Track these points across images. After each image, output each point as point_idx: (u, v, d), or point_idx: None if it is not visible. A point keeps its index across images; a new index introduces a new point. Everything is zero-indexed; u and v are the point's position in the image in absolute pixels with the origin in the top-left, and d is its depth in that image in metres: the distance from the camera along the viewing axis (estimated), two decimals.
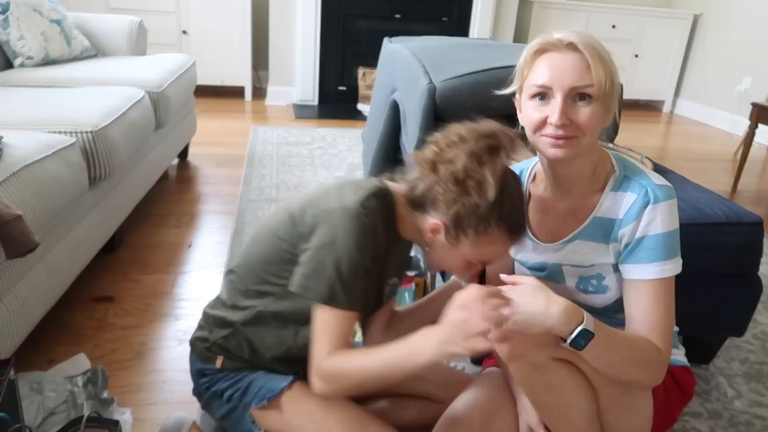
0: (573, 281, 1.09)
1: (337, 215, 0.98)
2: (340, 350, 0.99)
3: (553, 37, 0.98)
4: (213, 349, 1.17)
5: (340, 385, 1.01)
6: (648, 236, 0.99)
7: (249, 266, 1.13)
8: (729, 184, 3.37)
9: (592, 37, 0.97)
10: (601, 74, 0.95)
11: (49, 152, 1.48)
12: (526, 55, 1.02)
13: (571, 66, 0.96)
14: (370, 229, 0.98)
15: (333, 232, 0.98)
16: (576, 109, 0.96)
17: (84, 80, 2.28)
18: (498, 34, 4.71)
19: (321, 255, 0.99)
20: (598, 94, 0.96)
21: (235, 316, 1.14)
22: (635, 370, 0.98)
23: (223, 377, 1.17)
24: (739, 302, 1.52)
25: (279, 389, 1.11)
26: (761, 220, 1.48)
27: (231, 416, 1.16)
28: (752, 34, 4.59)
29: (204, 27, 4.23)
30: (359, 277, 0.99)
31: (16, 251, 1.19)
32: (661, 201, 0.99)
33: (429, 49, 2.31)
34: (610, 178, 1.05)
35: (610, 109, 0.99)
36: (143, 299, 1.80)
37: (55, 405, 1.19)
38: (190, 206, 2.51)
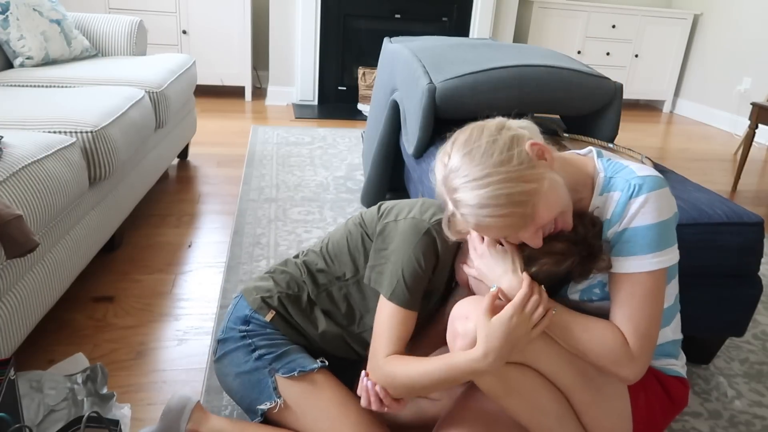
0: (576, 294, 1.08)
1: (409, 225, 1.09)
2: (397, 353, 1.07)
3: (449, 207, 0.96)
4: (270, 302, 1.21)
5: (392, 388, 1.07)
6: (629, 229, 0.97)
7: (333, 248, 1.21)
8: (729, 184, 3.37)
9: (480, 196, 0.90)
10: (506, 230, 0.92)
11: (49, 152, 1.48)
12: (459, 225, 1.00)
13: (490, 231, 0.94)
14: (431, 245, 1.08)
15: (401, 237, 1.09)
16: (525, 236, 0.95)
17: (84, 80, 2.28)
18: (498, 34, 4.71)
19: (391, 255, 1.09)
20: (522, 229, 0.93)
21: (309, 286, 1.22)
22: (595, 357, 0.98)
23: (265, 334, 1.19)
24: (739, 302, 1.52)
25: (310, 368, 1.14)
26: (761, 220, 1.48)
27: (251, 375, 1.17)
28: (752, 34, 4.60)
29: (204, 27, 4.23)
30: (419, 283, 1.08)
31: (16, 251, 1.19)
32: (644, 193, 0.96)
33: (429, 49, 2.31)
34: (596, 183, 1.03)
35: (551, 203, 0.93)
36: (143, 299, 1.80)
37: (56, 402, 1.19)
38: (190, 206, 2.51)
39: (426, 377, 1.01)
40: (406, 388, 1.04)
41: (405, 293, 1.07)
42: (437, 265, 1.11)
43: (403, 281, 1.07)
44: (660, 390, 1.08)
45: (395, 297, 1.08)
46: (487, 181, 0.90)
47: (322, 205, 2.59)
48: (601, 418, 1.04)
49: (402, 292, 1.07)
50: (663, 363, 1.10)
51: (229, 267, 2.00)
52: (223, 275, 1.95)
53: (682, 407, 1.12)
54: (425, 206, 1.12)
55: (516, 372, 1.00)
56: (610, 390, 1.03)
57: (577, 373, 1.01)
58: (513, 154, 0.91)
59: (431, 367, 1.00)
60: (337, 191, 2.76)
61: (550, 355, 1.00)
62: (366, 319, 1.20)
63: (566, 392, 1.03)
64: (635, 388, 1.05)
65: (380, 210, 1.18)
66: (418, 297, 1.09)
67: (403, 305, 1.08)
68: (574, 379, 1.01)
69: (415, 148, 2.03)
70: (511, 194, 0.89)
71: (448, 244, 1.09)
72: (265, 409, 1.14)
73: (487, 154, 0.92)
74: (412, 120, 2.07)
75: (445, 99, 1.91)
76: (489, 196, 0.89)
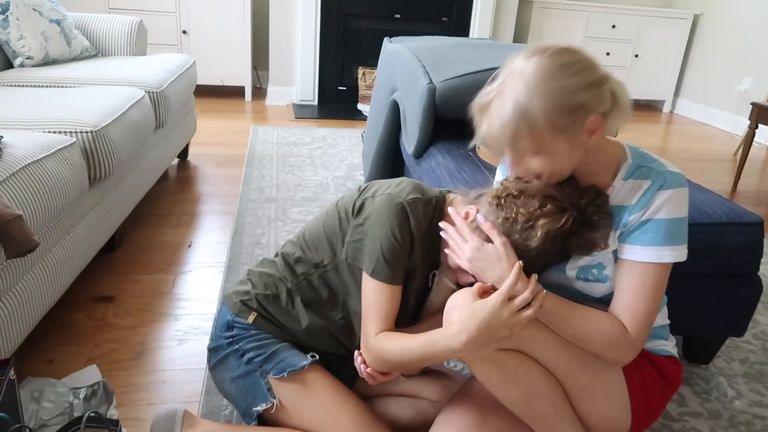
0: (574, 271, 1.09)
1: (385, 200, 1.09)
2: (386, 330, 1.09)
3: (487, 95, 0.97)
4: (250, 304, 1.21)
5: (382, 364, 1.09)
6: (653, 220, 0.99)
7: (312, 238, 1.20)
8: (729, 184, 3.37)
9: (521, 92, 0.92)
10: (520, 144, 0.94)
11: (49, 152, 1.48)
12: (475, 112, 1.01)
13: (496, 135, 0.96)
14: (405, 221, 1.07)
15: (377, 212, 1.09)
16: (528, 162, 0.98)
17: (84, 80, 2.28)
18: (498, 34, 4.71)
19: (368, 231, 1.09)
20: (531, 155, 0.95)
21: (288, 277, 1.21)
22: (592, 344, 1.00)
23: (251, 337, 1.19)
24: (739, 302, 1.52)
25: (300, 366, 1.14)
26: (761, 220, 1.48)
27: (245, 379, 1.17)
28: (752, 34, 4.59)
29: (204, 27, 4.23)
30: (398, 257, 1.08)
31: (16, 251, 1.19)
32: (673, 187, 0.99)
33: (429, 49, 2.30)
34: (622, 168, 1.04)
35: (565, 150, 0.95)
36: (143, 299, 1.80)
37: (50, 417, 1.18)
38: (190, 206, 2.51)
39: (410, 353, 1.03)
40: (394, 363, 1.07)
41: (386, 268, 1.08)
42: (413, 243, 1.10)
43: (383, 257, 1.07)
44: (654, 371, 1.09)
45: (376, 273, 1.08)
46: (535, 82, 0.91)
47: (322, 205, 2.59)
48: (599, 404, 1.04)
49: (382, 267, 1.08)
50: (654, 345, 1.12)
51: (229, 267, 2.00)
52: (223, 275, 1.95)
53: (676, 387, 1.13)
54: (403, 184, 1.12)
55: (512, 359, 1.00)
56: (607, 375, 1.04)
57: (574, 359, 1.02)
58: (573, 104, 0.92)
59: (414, 343, 1.03)
60: (337, 191, 2.76)
61: (546, 341, 1.01)
62: (348, 303, 1.19)
63: (562, 379, 1.03)
64: (630, 370, 1.06)
65: (360, 189, 1.18)
66: (399, 272, 1.10)
67: (385, 281, 1.08)
68: (570, 365, 1.02)
69: (415, 148, 2.03)
70: (536, 124, 0.91)
71: (422, 224, 1.10)
72: (261, 410, 1.15)
73: (560, 74, 0.92)
74: (412, 120, 2.07)
75: (445, 99, 1.91)
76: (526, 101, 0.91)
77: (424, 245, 1.13)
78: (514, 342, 0.99)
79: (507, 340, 0.98)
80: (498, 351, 0.98)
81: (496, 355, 0.99)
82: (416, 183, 1.14)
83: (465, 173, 1.69)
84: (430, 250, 1.15)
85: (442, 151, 1.92)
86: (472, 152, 1.88)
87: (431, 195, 1.14)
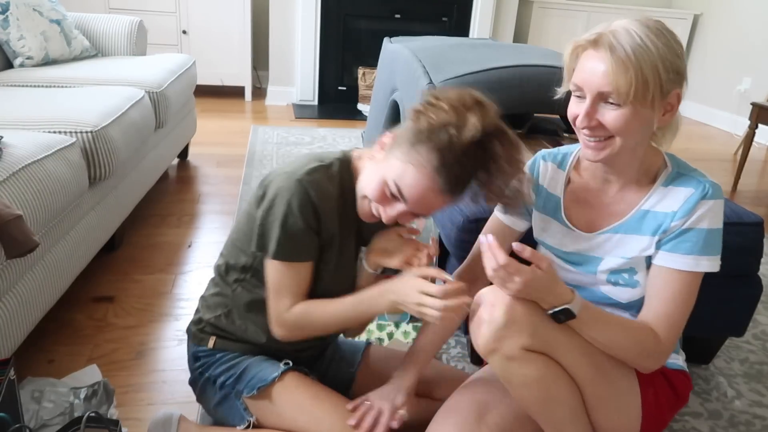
0: (604, 274, 1.09)
1: (283, 178, 1.05)
2: (300, 302, 1.09)
3: (594, 33, 0.96)
4: (206, 329, 1.20)
5: (302, 332, 1.12)
6: (695, 229, 1.00)
7: (233, 242, 1.18)
8: (729, 184, 3.37)
9: (635, 34, 0.92)
10: (621, 82, 0.92)
11: (49, 152, 1.48)
12: (570, 51, 1.01)
13: (601, 69, 0.93)
14: (304, 194, 1.03)
15: (276, 193, 1.04)
16: (605, 112, 0.96)
17: (84, 80, 2.28)
18: (498, 34, 4.71)
19: (270, 214, 1.05)
20: (624, 101, 0.93)
21: (226, 291, 1.18)
22: (625, 354, 1.01)
23: (217, 362, 1.18)
24: (739, 302, 1.52)
25: (270, 379, 1.12)
26: (761, 220, 1.48)
27: (224, 404, 1.17)
28: (752, 34, 4.59)
29: (204, 27, 4.23)
30: (301, 234, 1.05)
31: (16, 251, 1.19)
32: (716, 198, 1.00)
33: (429, 49, 2.31)
34: (661, 174, 1.05)
35: (646, 115, 0.95)
36: (143, 299, 1.80)
37: (50, 417, 1.18)
38: (190, 206, 2.51)
39: (336, 312, 1.08)
40: (316, 326, 1.10)
41: (288, 248, 1.05)
42: (319, 216, 1.06)
43: (284, 236, 1.04)
44: (666, 384, 1.09)
45: (280, 254, 1.05)
46: (653, 32, 0.93)
47: None
48: (612, 413, 1.04)
49: (284, 247, 1.05)
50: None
51: None
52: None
53: (685, 401, 1.13)
54: (299, 160, 1.09)
55: (540, 362, 0.99)
56: (624, 385, 1.04)
57: (595, 366, 1.02)
58: (677, 65, 0.94)
59: (341, 304, 1.08)
60: None
61: (571, 346, 1.00)
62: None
63: (581, 385, 1.03)
64: (644, 383, 1.06)
65: (262, 180, 1.14)
66: (305, 249, 1.07)
67: (290, 260, 1.06)
68: (590, 372, 1.02)
69: None
70: (652, 63, 0.91)
71: (327, 190, 1.06)
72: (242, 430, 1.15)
73: (670, 36, 0.94)
74: None
75: None
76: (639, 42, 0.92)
77: (339, 210, 1.09)
78: (542, 345, 0.98)
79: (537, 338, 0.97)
80: (526, 352, 0.97)
81: (524, 355, 0.98)
82: (315, 154, 1.11)
83: None
84: (349, 213, 1.11)
85: None
86: None
87: (332, 158, 1.10)
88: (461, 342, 1.69)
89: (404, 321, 1.76)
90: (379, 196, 1.03)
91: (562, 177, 1.16)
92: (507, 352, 0.97)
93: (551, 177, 1.17)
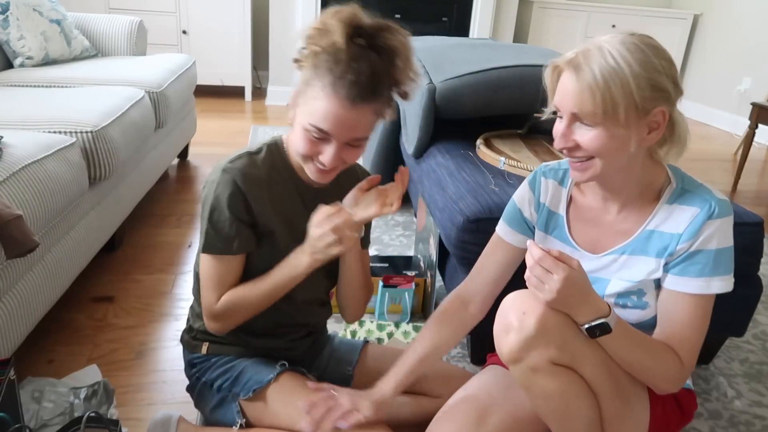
0: (612, 298, 1.06)
1: (212, 172, 1.06)
2: (225, 292, 1.08)
3: (571, 53, 0.95)
4: (198, 337, 1.20)
5: (235, 320, 1.11)
6: (703, 251, 0.97)
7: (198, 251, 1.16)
8: (729, 184, 3.37)
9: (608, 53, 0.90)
10: (588, 104, 0.90)
11: (49, 152, 1.48)
12: (550, 71, 0.99)
13: (571, 91, 0.92)
14: (230, 184, 1.03)
15: (207, 189, 1.06)
16: (581, 132, 0.94)
17: (84, 80, 2.28)
18: (498, 34, 4.71)
19: (203, 209, 1.06)
20: (595, 122, 0.92)
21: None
22: (647, 375, 0.98)
23: (213, 366, 1.18)
24: (739, 302, 1.52)
25: (265, 381, 1.12)
26: (761, 220, 1.47)
27: (222, 406, 1.17)
28: (752, 34, 4.59)
29: (204, 27, 4.23)
30: (231, 226, 1.04)
31: (16, 251, 1.19)
32: (723, 216, 0.97)
33: (429, 49, 2.31)
34: (665, 191, 1.02)
35: (622, 135, 0.92)
36: (143, 299, 1.80)
37: (51, 417, 1.18)
38: (190, 206, 2.51)
39: (259, 290, 1.07)
40: (247, 309, 1.09)
41: (217, 240, 1.05)
42: (248, 203, 1.05)
43: (213, 230, 1.04)
44: (674, 403, 1.09)
45: (208, 247, 1.05)
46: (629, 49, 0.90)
47: None
48: (623, 428, 1.03)
49: (213, 239, 1.05)
50: None
51: None
52: None
53: (691, 417, 1.13)
54: (232, 153, 1.08)
55: (566, 375, 0.97)
56: (636, 402, 1.04)
57: (615, 382, 1.00)
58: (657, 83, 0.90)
59: (263, 282, 1.08)
60: None
61: (597, 361, 0.98)
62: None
63: (600, 399, 1.01)
64: (654, 401, 1.05)
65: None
66: (235, 240, 1.05)
67: (219, 252, 1.05)
68: (611, 387, 1.00)
69: (415, 148, 2.04)
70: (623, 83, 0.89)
71: (257, 176, 1.06)
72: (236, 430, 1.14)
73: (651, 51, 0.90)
74: (412, 120, 2.07)
75: (445, 99, 1.91)
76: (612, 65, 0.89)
77: (269, 192, 1.08)
78: (569, 358, 0.95)
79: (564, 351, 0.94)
80: (552, 365, 0.95)
81: (549, 369, 0.95)
82: (248, 145, 1.11)
83: (465, 173, 1.69)
84: (282, 193, 1.10)
85: (442, 151, 1.92)
86: (472, 152, 1.88)
87: (260, 145, 1.10)
88: (461, 342, 1.69)
89: (404, 321, 1.76)
90: (308, 146, 1.01)
91: (564, 195, 1.13)
92: (532, 364, 0.94)
93: (552, 195, 1.14)
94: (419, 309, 1.82)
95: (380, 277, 1.74)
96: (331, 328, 1.70)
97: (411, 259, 1.94)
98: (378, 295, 1.75)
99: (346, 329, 1.70)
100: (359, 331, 1.70)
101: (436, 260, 1.70)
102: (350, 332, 1.69)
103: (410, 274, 1.80)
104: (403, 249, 2.24)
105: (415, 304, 1.79)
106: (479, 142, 1.91)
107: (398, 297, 1.75)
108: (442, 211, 1.59)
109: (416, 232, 2.05)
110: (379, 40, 1.00)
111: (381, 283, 1.74)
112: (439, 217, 1.61)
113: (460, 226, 1.46)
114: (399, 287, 1.75)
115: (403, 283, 1.75)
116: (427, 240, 1.82)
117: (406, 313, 1.77)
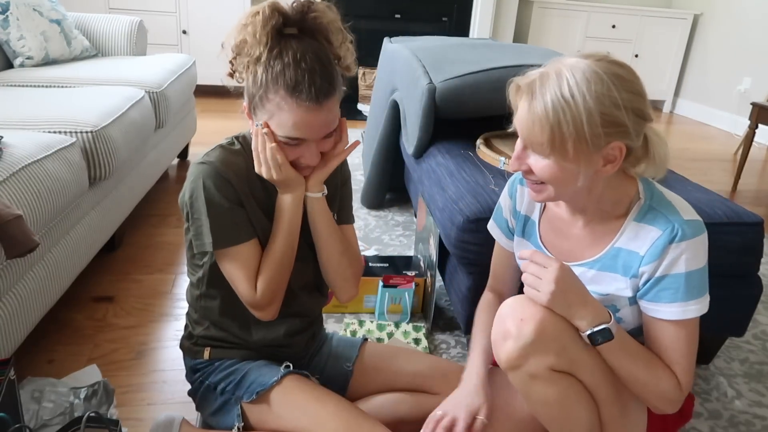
0: None
1: (190, 173, 1.04)
2: (257, 278, 1.06)
3: (533, 74, 0.93)
4: (199, 343, 1.20)
5: (279, 294, 1.08)
6: (669, 275, 0.95)
7: (188, 260, 1.17)
8: (729, 184, 3.37)
9: (566, 82, 0.87)
10: (536, 136, 0.89)
11: (49, 152, 1.48)
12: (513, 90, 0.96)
13: (523, 118, 0.91)
14: (214, 175, 1.02)
15: (191, 188, 1.03)
16: (534, 159, 0.94)
17: (84, 80, 2.28)
18: (498, 34, 4.71)
19: (193, 210, 1.03)
20: (544, 153, 0.91)
21: (197, 307, 1.18)
22: (642, 389, 0.98)
23: (216, 369, 1.17)
24: (739, 302, 1.52)
25: (269, 384, 1.11)
26: (761, 220, 1.48)
27: (224, 409, 1.16)
28: (752, 34, 4.60)
29: (204, 27, 4.23)
30: (230, 215, 1.03)
31: (16, 251, 1.19)
32: (688, 239, 0.94)
33: (429, 49, 2.31)
34: (634, 206, 0.99)
35: (571, 169, 0.91)
36: (143, 299, 1.80)
37: (51, 417, 1.18)
38: None
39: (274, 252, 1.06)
40: (285, 273, 1.08)
41: (224, 233, 1.02)
42: (236, 190, 1.04)
43: (215, 224, 1.02)
44: None
45: (220, 243, 1.03)
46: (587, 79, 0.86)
47: None
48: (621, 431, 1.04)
49: (222, 233, 1.02)
50: None
51: None
52: None
53: (688, 418, 1.14)
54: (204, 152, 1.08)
55: (565, 381, 0.97)
56: (633, 407, 1.04)
57: (613, 387, 1.00)
58: (612, 118, 0.87)
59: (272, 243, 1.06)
60: None
61: (595, 367, 0.98)
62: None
63: (599, 404, 1.01)
64: None
65: None
66: (241, 227, 1.04)
67: (232, 243, 1.03)
68: (611, 393, 1.00)
69: (415, 148, 2.03)
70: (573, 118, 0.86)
71: (235, 164, 1.05)
72: None
73: (614, 82, 0.86)
74: (412, 120, 2.07)
75: (445, 99, 1.91)
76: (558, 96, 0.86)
77: (250, 183, 1.08)
78: (567, 364, 0.95)
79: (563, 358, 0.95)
80: (551, 372, 0.95)
81: (548, 375, 0.95)
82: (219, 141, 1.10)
83: (465, 173, 1.69)
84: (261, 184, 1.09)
85: (442, 151, 1.92)
86: (472, 152, 1.88)
87: (230, 139, 1.11)
88: (461, 342, 1.69)
89: (404, 321, 1.76)
90: (289, 155, 1.03)
91: (538, 203, 1.14)
92: (531, 371, 0.94)
93: (528, 202, 1.16)
94: (419, 309, 1.82)
95: (380, 277, 1.74)
96: (331, 327, 1.70)
97: (411, 259, 1.94)
98: (378, 295, 1.75)
99: (346, 329, 1.70)
100: (359, 331, 1.70)
101: (436, 260, 1.70)
102: (350, 332, 1.69)
103: (410, 274, 1.80)
104: (403, 249, 2.24)
105: (415, 304, 1.79)
106: (479, 142, 1.91)
107: (398, 297, 1.76)
108: (442, 211, 1.59)
109: (416, 232, 2.05)
110: (307, 23, 0.99)
111: (381, 283, 1.74)
112: (439, 217, 1.61)
113: (460, 226, 1.46)
114: (399, 287, 1.75)
115: (403, 283, 1.75)
116: (427, 240, 1.82)
117: (406, 313, 1.77)
